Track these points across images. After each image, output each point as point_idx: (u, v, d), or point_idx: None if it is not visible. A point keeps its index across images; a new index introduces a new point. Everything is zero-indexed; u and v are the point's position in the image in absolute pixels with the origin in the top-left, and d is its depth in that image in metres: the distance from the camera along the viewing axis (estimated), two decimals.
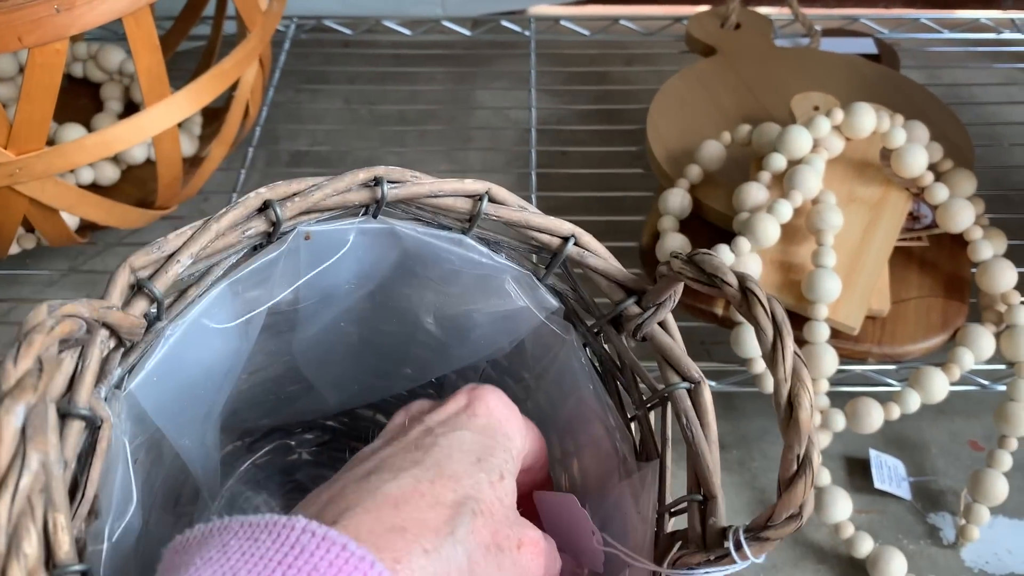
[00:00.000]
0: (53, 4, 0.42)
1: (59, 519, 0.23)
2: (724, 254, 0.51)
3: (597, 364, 0.37)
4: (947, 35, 0.82)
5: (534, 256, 0.36)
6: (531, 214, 0.33)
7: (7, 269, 0.64)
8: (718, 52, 0.71)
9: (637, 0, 0.90)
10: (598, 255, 0.34)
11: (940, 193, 0.53)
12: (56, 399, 0.25)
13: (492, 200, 0.33)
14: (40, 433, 0.22)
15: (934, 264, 0.56)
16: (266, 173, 0.74)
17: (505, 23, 0.84)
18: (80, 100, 0.72)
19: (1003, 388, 0.53)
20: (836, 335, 0.51)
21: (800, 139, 0.53)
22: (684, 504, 0.31)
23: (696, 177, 0.58)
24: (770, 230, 0.51)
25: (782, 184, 0.53)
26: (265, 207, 0.31)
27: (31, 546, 0.21)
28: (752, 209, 0.53)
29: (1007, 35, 0.82)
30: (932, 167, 0.56)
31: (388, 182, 0.32)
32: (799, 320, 0.51)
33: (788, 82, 0.67)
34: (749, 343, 0.51)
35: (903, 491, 0.54)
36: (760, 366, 0.51)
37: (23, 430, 0.21)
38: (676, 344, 0.33)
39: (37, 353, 0.22)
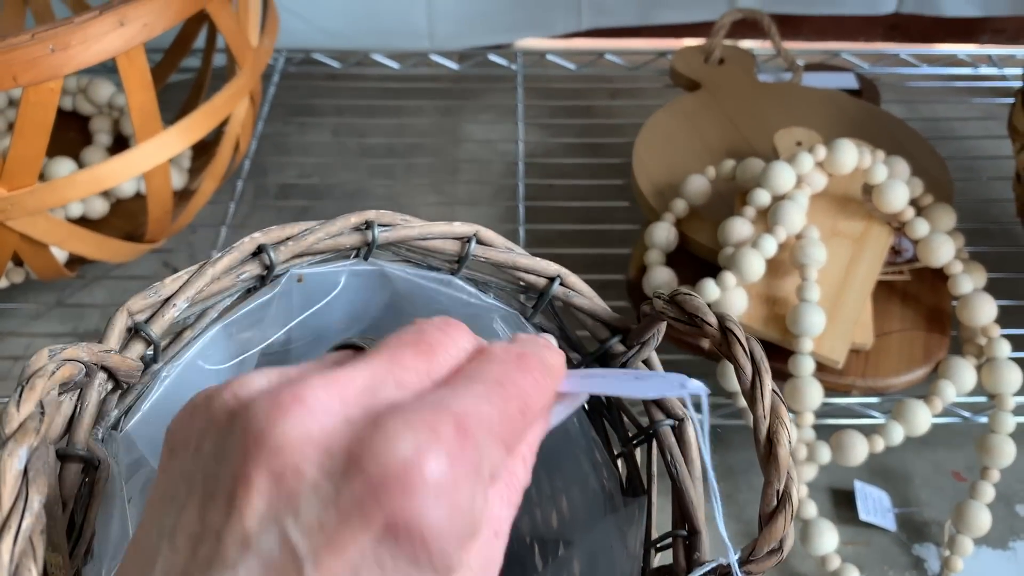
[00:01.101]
0: (48, 44, 0.43)
1: (58, 561, 0.23)
2: (710, 288, 0.52)
3: (584, 403, 0.37)
4: (926, 70, 0.84)
5: (521, 296, 0.36)
6: (518, 256, 0.34)
7: None
8: (702, 87, 0.73)
9: (622, 34, 0.91)
10: (583, 295, 0.35)
11: (921, 228, 0.54)
12: (55, 440, 0.26)
13: (480, 242, 0.34)
14: (41, 475, 0.22)
15: (916, 297, 0.57)
16: (255, 205, 0.74)
17: (492, 57, 0.85)
18: (69, 133, 0.73)
19: (985, 420, 0.53)
20: (820, 368, 0.52)
21: (784, 175, 0.54)
22: (669, 540, 0.32)
23: (682, 211, 0.59)
24: (755, 265, 0.52)
25: (766, 219, 0.54)
26: (259, 251, 0.31)
27: None
28: (737, 244, 0.54)
29: (984, 70, 0.83)
30: (913, 202, 0.57)
31: (379, 225, 0.33)
32: (784, 353, 0.52)
33: (771, 117, 0.68)
34: (734, 376, 0.51)
35: (888, 522, 0.54)
36: (743, 400, 0.51)
37: (25, 472, 0.22)
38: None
39: (39, 397, 0.23)
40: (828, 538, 0.50)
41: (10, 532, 0.21)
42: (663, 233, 0.58)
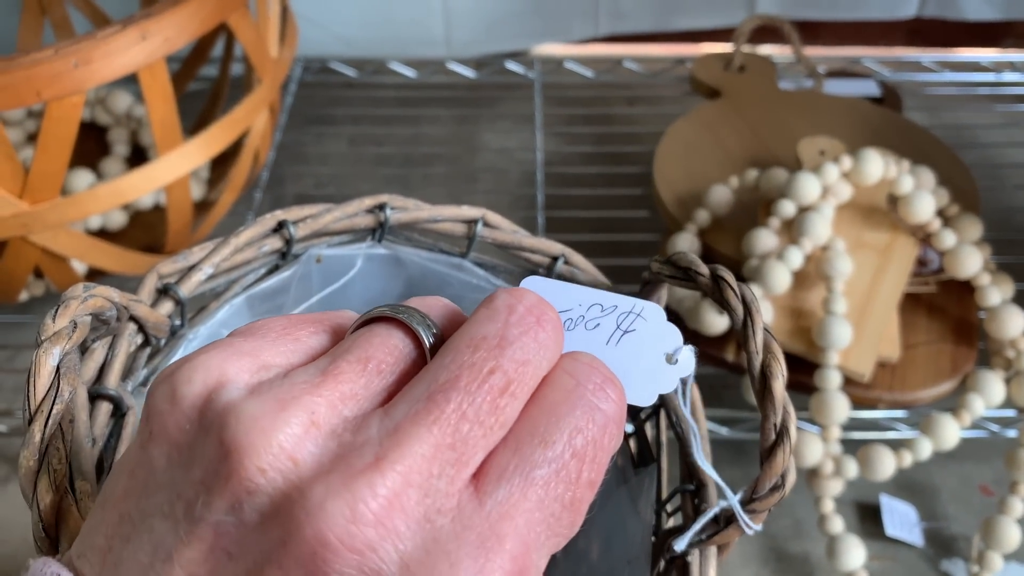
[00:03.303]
0: (71, 59, 0.43)
1: (86, 488, 0.24)
2: None
3: None
4: (948, 76, 0.83)
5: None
6: (523, 236, 0.36)
7: (11, 315, 0.64)
8: (722, 95, 0.72)
9: (640, 40, 0.90)
10: (587, 272, 0.37)
11: (948, 239, 0.54)
12: (88, 383, 0.28)
13: (487, 224, 0.35)
14: (72, 373, 0.25)
15: (942, 309, 0.56)
16: (275, 207, 0.74)
17: (509, 65, 0.85)
18: (87, 144, 0.73)
19: (1014, 434, 0.53)
20: (847, 382, 0.51)
21: (809, 186, 0.53)
22: (679, 498, 0.33)
23: (704, 221, 0.59)
24: (781, 277, 0.51)
25: (791, 230, 0.54)
26: (280, 227, 0.34)
27: (60, 463, 0.24)
28: (762, 255, 0.53)
29: (1007, 76, 0.83)
30: (939, 212, 0.56)
31: (391, 208, 0.35)
32: (810, 366, 0.52)
33: (793, 125, 0.67)
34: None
35: (915, 537, 0.53)
36: None
37: (57, 370, 0.25)
38: None
39: (72, 316, 0.26)
40: (856, 554, 0.50)
41: (42, 415, 0.24)
42: (686, 244, 0.58)
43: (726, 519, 0.29)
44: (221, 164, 0.70)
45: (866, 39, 0.92)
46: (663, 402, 0.34)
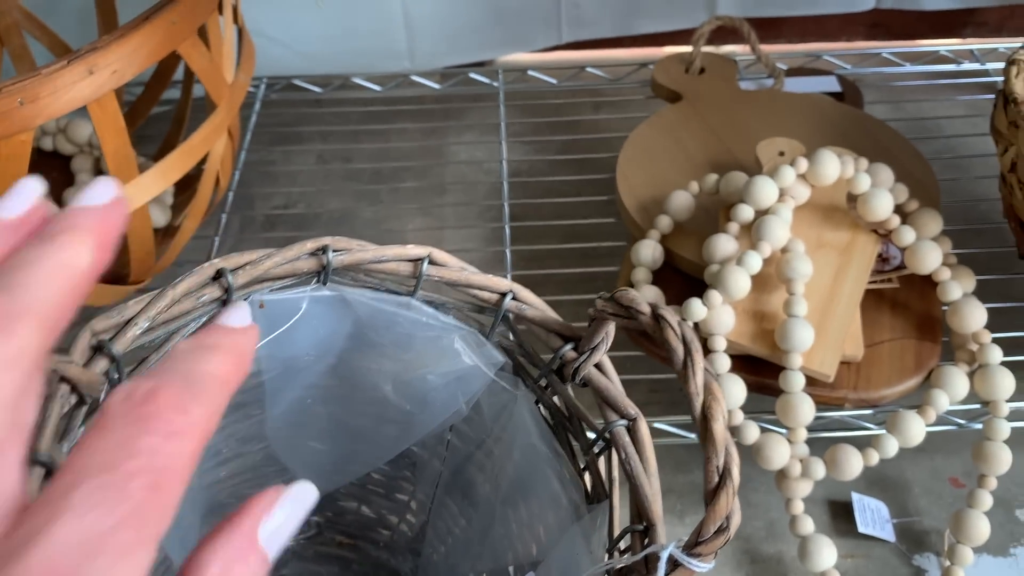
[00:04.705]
0: (17, 97, 0.43)
1: None
2: (696, 308, 0.51)
3: (548, 416, 0.39)
4: (909, 68, 0.84)
5: (479, 314, 0.38)
6: (471, 274, 0.35)
7: None
8: (684, 98, 0.72)
9: (603, 45, 0.91)
10: (535, 307, 0.36)
11: (907, 236, 0.54)
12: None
13: (433, 263, 0.35)
14: None
15: (905, 305, 0.56)
16: (240, 238, 0.74)
17: (473, 75, 0.85)
18: (51, 173, 0.72)
19: (980, 426, 0.53)
20: (812, 382, 0.51)
21: (766, 189, 0.54)
22: (628, 536, 0.33)
23: (666, 227, 0.59)
24: (740, 282, 0.51)
25: (751, 234, 0.54)
26: (218, 275, 0.33)
27: None
28: (722, 261, 0.53)
29: (967, 66, 0.83)
30: (898, 208, 0.57)
31: (334, 250, 0.34)
32: (775, 369, 0.52)
33: (754, 126, 0.67)
34: (726, 396, 0.51)
35: (887, 533, 0.54)
36: (738, 418, 0.51)
37: None
38: (612, 384, 0.35)
39: None
40: (827, 554, 0.50)
41: None
42: (648, 251, 0.58)
43: (674, 562, 0.29)
44: (186, 189, 0.69)
45: (827, 34, 0.93)
46: (614, 439, 0.33)
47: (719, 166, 0.64)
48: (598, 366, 0.35)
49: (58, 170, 0.73)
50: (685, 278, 0.59)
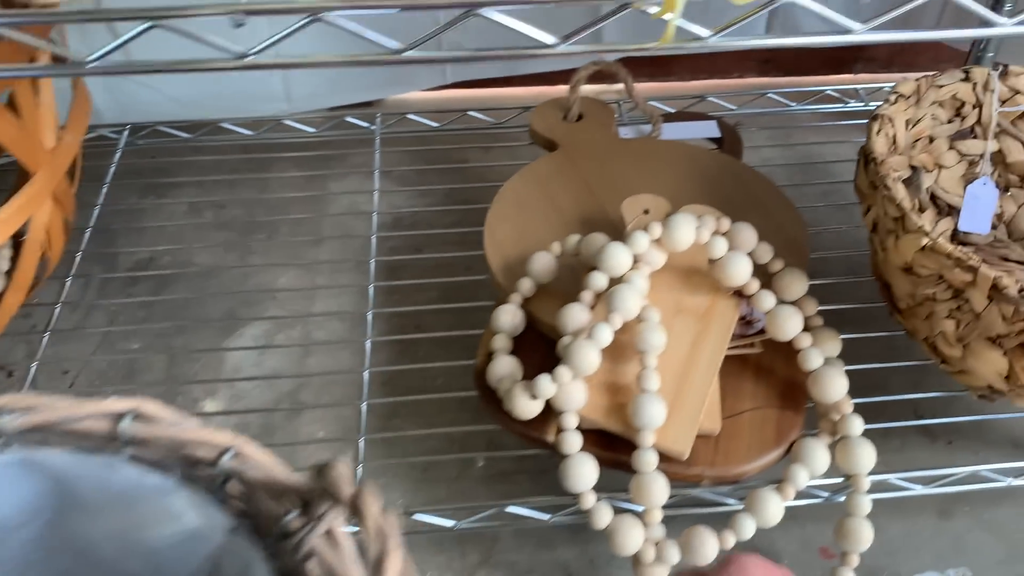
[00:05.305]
0: None
1: None
2: (545, 385, 0.49)
3: None
4: (795, 108, 0.83)
5: (212, 468, 0.32)
6: (184, 429, 0.30)
7: None
8: (559, 146, 0.70)
9: (489, 84, 0.88)
10: (261, 466, 0.31)
11: (767, 301, 0.52)
12: None
13: (141, 418, 0.30)
14: None
15: (769, 370, 0.54)
16: (94, 304, 0.70)
17: (350, 119, 0.82)
18: None
19: (843, 499, 0.51)
20: (667, 459, 0.49)
21: (619, 256, 0.51)
22: None
23: (528, 290, 0.56)
24: (590, 357, 0.49)
25: (604, 303, 0.51)
26: None
27: None
28: (575, 332, 0.51)
29: (853, 105, 0.82)
30: (762, 268, 0.55)
31: (10, 412, 0.29)
32: (630, 444, 0.49)
33: (628, 178, 0.65)
34: (576, 478, 0.48)
35: None
36: (589, 501, 0.49)
37: None
38: (344, 560, 0.29)
39: None
40: None
41: None
42: (508, 317, 0.55)
43: None
44: None
45: (719, 70, 0.92)
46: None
47: (589, 223, 0.62)
48: (328, 535, 0.30)
49: None
50: (549, 344, 0.56)
